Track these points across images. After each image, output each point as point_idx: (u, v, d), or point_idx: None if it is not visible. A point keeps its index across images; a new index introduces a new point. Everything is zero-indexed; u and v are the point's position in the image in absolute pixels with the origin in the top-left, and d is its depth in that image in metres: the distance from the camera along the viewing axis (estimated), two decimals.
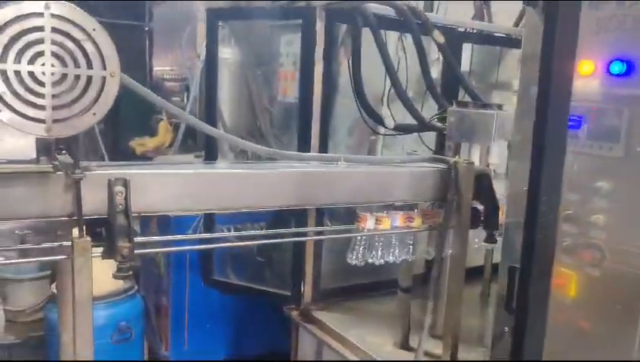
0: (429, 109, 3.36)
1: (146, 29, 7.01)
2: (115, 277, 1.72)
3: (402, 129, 3.22)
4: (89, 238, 1.67)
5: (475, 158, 2.88)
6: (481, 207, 2.45)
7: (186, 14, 5.56)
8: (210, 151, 3.64)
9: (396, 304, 2.84)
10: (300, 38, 3.15)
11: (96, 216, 1.74)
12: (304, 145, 3.11)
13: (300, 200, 2.04)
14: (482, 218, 2.44)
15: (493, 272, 3.38)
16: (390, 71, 2.99)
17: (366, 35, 3.04)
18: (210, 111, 3.58)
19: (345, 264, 2.61)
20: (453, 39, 3.43)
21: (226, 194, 1.88)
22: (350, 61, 3.09)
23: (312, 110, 3.10)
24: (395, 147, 4.98)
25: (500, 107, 3.19)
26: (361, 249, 2.31)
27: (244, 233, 2.25)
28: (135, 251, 1.75)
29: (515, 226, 1.95)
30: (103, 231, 1.75)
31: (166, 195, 1.80)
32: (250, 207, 1.98)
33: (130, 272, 1.73)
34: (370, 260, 2.34)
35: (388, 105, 3.29)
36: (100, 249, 1.72)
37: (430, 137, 3.52)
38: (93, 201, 1.72)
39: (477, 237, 2.53)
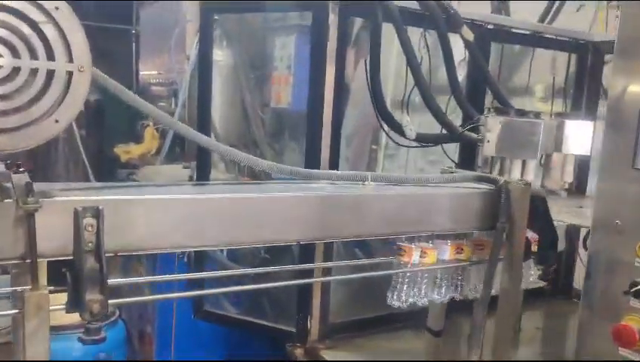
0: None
1: (133, 32, 6.79)
2: (81, 341, 1.27)
3: (426, 140, 2.80)
4: (46, 291, 1.23)
5: (515, 175, 2.49)
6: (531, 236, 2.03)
7: (175, 16, 5.34)
8: (203, 164, 3.20)
9: (425, 348, 2.41)
10: (310, 34, 2.72)
11: (59, 258, 1.30)
12: (312, 160, 2.67)
13: (323, 231, 1.60)
14: (537, 250, 2.02)
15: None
16: (416, 72, 2.57)
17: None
18: (203, 117, 3.14)
19: (355, 294, 2.18)
20: (482, 37, 3.02)
21: (231, 227, 1.44)
22: (367, 61, 2.66)
23: (322, 119, 2.67)
24: (399, 159, 4.59)
25: (537, 115, 2.81)
26: (404, 288, 1.87)
27: (245, 271, 1.77)
28: (110, 302, 1.32)
29: (600, 263, 1.52)
30: (67, 276, 1.30)
31: (153, 229, 1.35)
32: (261, 243, 1.54)
33: (103, 335, 1.29)
34: (412, 300, 1.90)
35: (407, 111, 2.85)
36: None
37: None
38: (55, 238, 1.28)
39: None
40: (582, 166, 3.48)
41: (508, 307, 1.99)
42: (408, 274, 1.83)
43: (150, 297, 1.51)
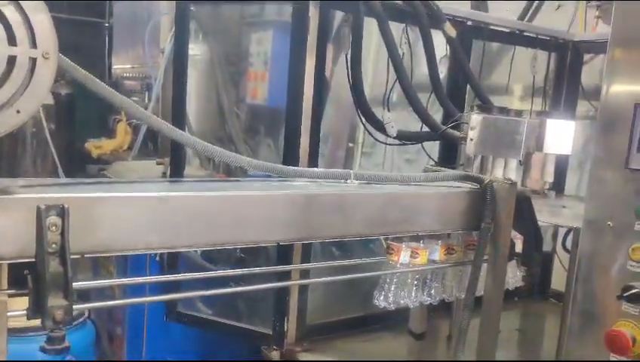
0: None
1: (106, 24, 6.67)
2: (43, 351, 1.17)
3: (407, 138, 2.74)
4: (4, 297, 1.13)
5: (497, 174, 2.44)
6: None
7: (149, 9, 5.23)
8: (177, 160, 3.09)
9: (405, 350, 2.35)
10: (290, 28, 2.63)
11: (20, 261, 1.20)
12: (291, 157, 2.59)
13: (306, 231, 1.52)
14: (522, 251, 1.96)
15: None
16: (399, 68, 2.51)
17: None
18: (178, 112, 3.03)
19: (333, 295, 2.11)
20: (463, 34, 2.97)
21: (209, 227, 1.35)
22: (348, 56, 2.59)
23: (301, 115, 2.59)
24: (376, 156, 4.54)
25: (519, 114, 2.77)
26: (392, 288, 1.80)
27: (221, 273, 1.67)
28: (76, 307, 1.22)
29: (591, 265, 1.47)
30: (29, 279, 1.20)
31: (124, 229, 1.25)
32: (241, 244, 1.46)
33: (67, 344, 1.19)
34: (402, 302, 1.83)
35: (388, 108, 2.78)
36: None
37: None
38: (16, 239, 1.18)
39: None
40: (559, 165, 3.46)
41: (492, 308, 1.94)
42: (397, 274, 1.77)
43: (120, 301, 1.40)
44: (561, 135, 2.85)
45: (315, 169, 1.67)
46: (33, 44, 1.21)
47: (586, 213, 1.43)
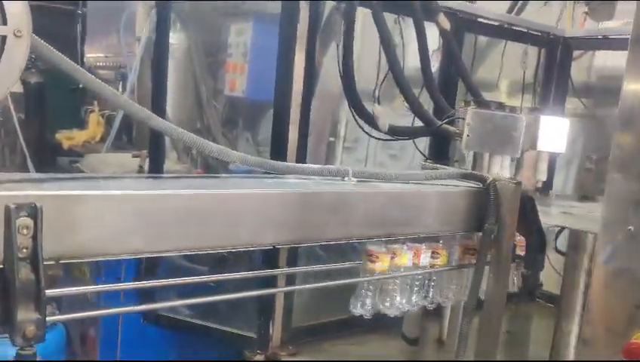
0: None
1: (79, 12, 6.45)
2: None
3: (399, 133, 2.63)
4: None
5: (494, 172, 2.35)
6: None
7: None
8: (156, 153, 2.94)
9: (395, 354, 2.25)
10: (280, 20, 2.50)
11: None
12: (279, 152, 2.47)
13: (304, 233, 1.40)
14: (525, 253, 1.87)
15: None
16: (393, 60, 2.39)
17: None
18: (158, 101, 2.87)
19: (320, 296, 2.00)
20: (456, 27, 2.88)
21: (198, 229, 1.22)
22: (340, 46, 2.47)
23: (289, 109, 2.46)
24: (358, 152, 4.44)
25: (512, 110, 2.68)
26: (370, 294, 1.69)
27: (204, 278, 1.51)
28: (49, 319, 1.08)
29: (608, 272, 1.37)
30: None
31: (106, 231, 1.11)
32: (232, 247, 1.32)
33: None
34: (381, 308, 1.72)
35: (379, 102, 2.67)
36: None
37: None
38: None
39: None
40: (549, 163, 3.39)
41: (494, 313, 1.84)
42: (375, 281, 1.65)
43: (96, 312, 1.25)
44: (555, 132, 2.78)
45: (311, 165, 1.54)
46: (3, 20, 1.07)
47: (605, 217, 1.33)
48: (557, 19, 4.01)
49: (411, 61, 2.76)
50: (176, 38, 4.06)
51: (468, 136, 2.23)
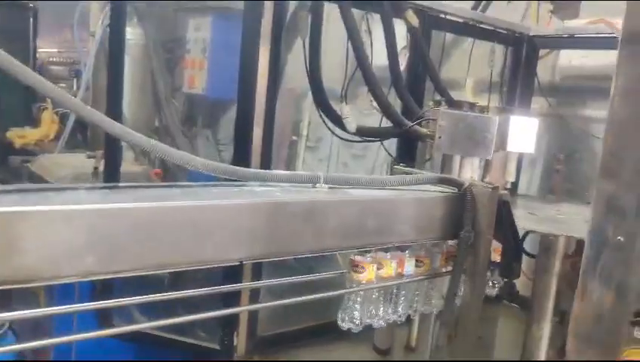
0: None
1: (31, 5, 6.20)
2: None
3: (368, 134, 2.54)
4: None
5: (466, 175, 2.28)
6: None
7: None
8: (112, 154, 2.78)
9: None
10: (243, 17, 2.38)
11: None
12: (242, 154, 2.35)
13: (274, 246, 1.29)
14: (501, 261, 1.81)
15: None
16: (362, 58, 2.30)
17: None
18: (114, 100, 2.71)
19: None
20: (424, 24, 2.81)
21: (157, 246, 1.10)
22: (306, 42, 2.37)
23: (253, 110, 2.35)
24: (321, 151, 4.36)
25: (482, 109, 2.63)
26: (357, 307, 1.60)
27: (166, 295, 1.38)
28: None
29: (595, 283, 1.31)
30: None
31: (53, 252, 0.99)
32: (197, 264, 1.20)
33: None
34: (368, 321, 1.63)
35: (346, 101, 2.57)
36: None
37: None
38: None
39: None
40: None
41: (469, 322, 1.77)
42: (362, 292, 1.57)
43: (50, 341, 1.10)
44: (525, 132, 2.74)
45: (280, 172, 1.44)
46: None
47: (592, 225, 1.27)
48: (522, 17, 4.00)
49: (379, 59, 2.68)
50: (133, 34, 3.93)
51: (439, 137, 2.16)
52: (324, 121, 2.50)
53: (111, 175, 2.72)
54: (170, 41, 4.06)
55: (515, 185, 3.13)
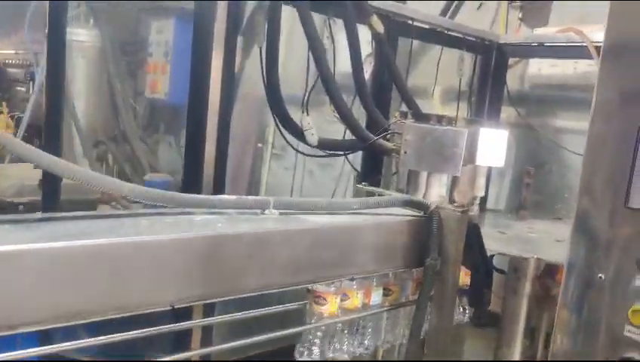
0: None
1: None
2: None
3: (330, 147, 2.38)
4: None
5: (434, 192, 2.14)
6: None
7: None
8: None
9: None
10: (194, 18, 2.21)
11: None
12: (193, 167, 2.17)
13: (213, 286, 1.12)
14: (470, 288, 1.67)
15: None
16: (324, 67, 2.14)
17: None
18: (53, 107, 2.50)
19: (243, 328, 1.73)
20: (390, 31, 2.67)
21: (76, 289, 0.92)
22: (263, 49, 2.20)
23: (205, 120, 2.17)
24: (287, 159, 4.21)
25: (450, 121, 2.50)
26: (318, 342, 1.44)
27: (108, 338, 1.20)
28: None
29: (573, 326, 1.17)
30: None
31: None
32: (116, 310, 1.02)
33: None
34: (331, 355, 1.47)
35: (307, 112, 2.40)
36: None
37: None
38: None
39: None
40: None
41: (437, 352, 1.63)
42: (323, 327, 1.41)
43: None
44: (495, 145, 2.62)
45: (224, 197, 1.27)
46: None
47: (570, 259, 1.13)
48: (491, 24, 3.90)
49: (342, 66, 2.53)
50: (88, 36, 3.75)
51: (405, 152, 2.01)
52: (282, 135, 2.34)
53: (51, 188, 2.50)
54: (131, 43, 3.91)
55: (483, 199, 3.00)
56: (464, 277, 1.74)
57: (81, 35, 3.83)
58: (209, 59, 2.14)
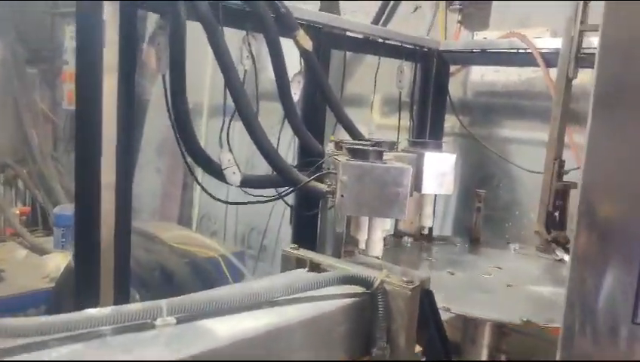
0: None
1: None
2: None
3: (256, 184, 2.04)
4: None
5: (377, 237, 1.84)
6: None
7: None
8: None
9: None
10: (76, 36, 1.81)
11: None
12: (86, 197, 1.78)
13: None
14: None
15: None
16: (237, 92, 1.79)
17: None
18: None
19: None
20: (320, 44, 2.34)
21: None
22: (167, 76, 1.82)
23: (100, 142, 1.75)
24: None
25: (392, 146, 2.22)
26: None
27: None
28: None
29: None
30: None
31: None
32: None
33: None
34: None
35: (229, 147, 2.04)
36: None
37: None
38: None
39: None
40: None
41: None
42: None
43: None
44: (441, 171, 2.35)
45: (97, 312, 0.92)
46: None
47: (567, 321, 0.83)
48: (428, 28, 3.63)
49: (267, 88, 2.19)
50: None
51: (342, 196, 1.69)
52: (195, 180, 1.97)
53: None
54: (48, 49, 3.53)
55: (430, 229, 2.70)
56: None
57: None
58: (99, 79, 1.73)
